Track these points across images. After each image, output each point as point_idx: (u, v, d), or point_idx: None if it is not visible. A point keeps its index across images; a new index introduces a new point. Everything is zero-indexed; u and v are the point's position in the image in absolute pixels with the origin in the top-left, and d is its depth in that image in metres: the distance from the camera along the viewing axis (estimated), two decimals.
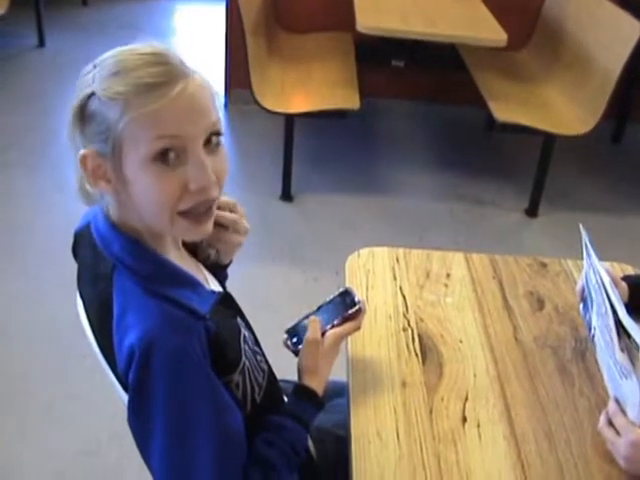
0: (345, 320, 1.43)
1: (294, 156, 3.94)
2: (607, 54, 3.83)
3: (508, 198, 4.22)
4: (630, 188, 4.54)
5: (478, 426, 1.41)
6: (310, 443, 1.52)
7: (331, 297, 1.48)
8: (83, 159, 1.14)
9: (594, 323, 1.54)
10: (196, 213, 1.17)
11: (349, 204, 4.02)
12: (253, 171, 4.18)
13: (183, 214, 1.16)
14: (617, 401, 1.37)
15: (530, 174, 4.06)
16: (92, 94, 1.12)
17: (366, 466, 1.30)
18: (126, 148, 1.11)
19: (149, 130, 1.09)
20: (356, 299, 1.46)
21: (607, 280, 1.43)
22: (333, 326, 1.42)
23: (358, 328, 1.47)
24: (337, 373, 1.58)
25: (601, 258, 1.48)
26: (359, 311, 1.45)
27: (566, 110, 4.04)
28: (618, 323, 1.37)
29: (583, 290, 1.63)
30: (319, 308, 1.47)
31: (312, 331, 1.40)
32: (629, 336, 1.33)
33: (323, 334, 1.41)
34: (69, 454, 2.44)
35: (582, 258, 1.57)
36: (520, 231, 4.01)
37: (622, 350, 1.34)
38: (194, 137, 1.12)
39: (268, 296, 3.20)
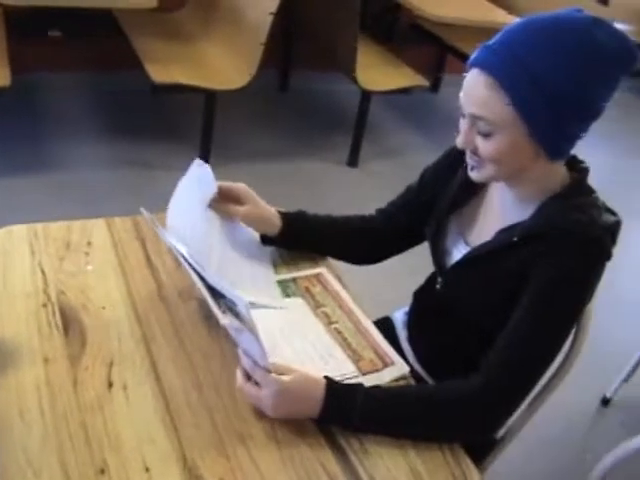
0: None
1: None
2: (257, 8, 3.94)
3: (178, 159, 4.20)
4: (298, 133, 4.76)
5: (125, 388, 1.40)
6: None
7: None
8: None
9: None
10: None
11: (15, 186, 3.81)
12: None
13: None
14: (247, 354, 1.38)
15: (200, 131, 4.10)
16: None
17: (11, 454, 1.25)
18: None
19: None
20: None
21: (185, 250, 1.46)
22: None
23: None
24: None
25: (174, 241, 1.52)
26: None
27: (225, 65, 4.12)
28: (211, 289, 1.40)
29: None
30: None
31: None
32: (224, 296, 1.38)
33: None
34: None
35: None
36: None
37: (224, 312, 1.38)
38: None
39: None
